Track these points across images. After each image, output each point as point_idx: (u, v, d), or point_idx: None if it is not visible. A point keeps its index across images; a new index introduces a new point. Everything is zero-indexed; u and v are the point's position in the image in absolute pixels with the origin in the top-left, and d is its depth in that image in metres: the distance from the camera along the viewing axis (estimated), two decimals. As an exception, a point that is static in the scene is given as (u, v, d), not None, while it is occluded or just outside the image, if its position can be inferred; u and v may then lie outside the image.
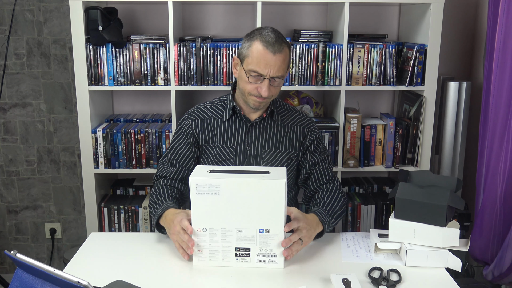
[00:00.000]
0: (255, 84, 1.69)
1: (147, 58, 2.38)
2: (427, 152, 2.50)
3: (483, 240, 1.95)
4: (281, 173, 1.47)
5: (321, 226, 1.63)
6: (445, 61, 2.72)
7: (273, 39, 1.66)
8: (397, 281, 1.44)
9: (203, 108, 1.89)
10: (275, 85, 1.71)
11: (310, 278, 1.45)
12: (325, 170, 1.85)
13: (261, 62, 1.66)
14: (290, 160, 1.84)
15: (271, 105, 1.83)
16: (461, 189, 2.12)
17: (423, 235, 1.54)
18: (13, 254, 1.04)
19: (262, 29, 1.72)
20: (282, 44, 1.67)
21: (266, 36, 1.67)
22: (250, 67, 1.68)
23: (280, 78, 1.70)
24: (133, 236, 1.86)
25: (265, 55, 1.65)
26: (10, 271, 3.06)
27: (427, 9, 2.39)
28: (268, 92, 1.68)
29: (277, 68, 1.66)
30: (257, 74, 1.67)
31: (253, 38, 1.69)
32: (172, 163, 1.85)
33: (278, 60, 1.66)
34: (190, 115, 1.88)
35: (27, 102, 2.85)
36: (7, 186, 2.95)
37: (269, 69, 1.66)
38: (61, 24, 2.75)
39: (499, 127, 1.83)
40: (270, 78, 1.67)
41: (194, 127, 1.85)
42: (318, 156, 1.86)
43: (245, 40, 1.73)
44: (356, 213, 2.59)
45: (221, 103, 1.88)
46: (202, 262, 1.51)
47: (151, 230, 2.56)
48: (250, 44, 1.69)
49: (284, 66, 1.70)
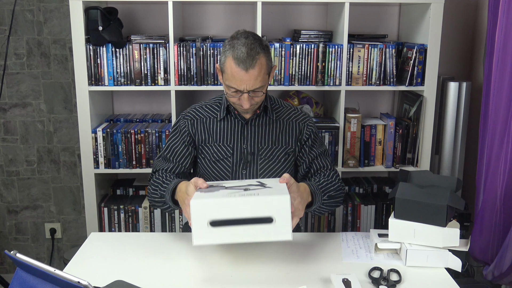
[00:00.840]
0: (236, 97, 1.70)
1: (147, 58, 2.38)
2: (427, 152, 2.50)
3: (483, 240, 1.95)
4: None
5: (311, 197, 1.61)
6: (445, 61, 2.72)
7: (244, 55, 1.62)
8: (397, 281, 1.44)
9: (199, 108, 1.89)
10: (256, 95, 1.70)
11: (310, 278, 1.45)
12: (323, 162, 1.85)
13: (235, 79, 1.65)
14: (287, 156, 1.84)
15: (264, 101, 1.83)
16: (461, 189, 2.12)
17: (423, 235, 1.54)
18: (13, 254, 1.04)
19: (234, 40, 1.67)
20: (254, 58, 1.63)
21: (237, 51, 1.63)
22: (227, 83, 1.69)
23: (260, 89, 1.69)
24: (133, 236, 1.86)
25: (238, 73, 1.64)
26: (10, 271, 3.06)
27: (427, 9, 2.39)
28: (249, 105, 1.69)
29: (252, 82, 1.65)
30: (235, 90, 1.68)
31: (227, 53, 1.66)
32: (168, 160, 1.84)
33: (252, 75, 1.64)
34: (186, 115, 1.87)
35: (27, 102, 2.85)
36: (7, 186, 2.95)
37: (245, 85, 1.65)
38: (61, 24, 2.75)
39: (499, 127, 1.83)
40: (249, 92, 1.67)
41: (190, 127, 1.85)
42: (316, 150, 1.86)
43: (222, 51, 1.70)
44: (356, 213, 2.59)
45: (216, 102, 1.88)
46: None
47: (151, 230, 2.56)
48: (225, 60, 1.67)
49: (261, 77, 1.66)
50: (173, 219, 2.56)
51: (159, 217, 2.56)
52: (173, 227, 2.57)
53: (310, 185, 1.65)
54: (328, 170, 1.84)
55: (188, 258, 1.57)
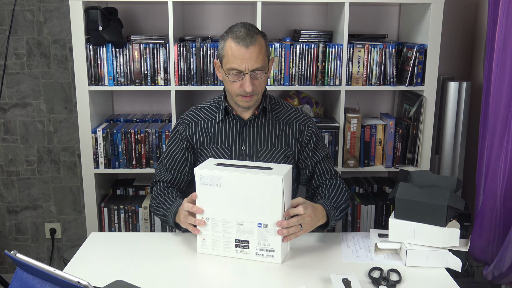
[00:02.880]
0: (238, 82, 1.69)
1: (147, 58, 2.38)
2: (427, 152, 2.49)
3: (483, 240, 1.95)
4: (282, 170, 1.49)
5: (326, 219, 1.64)
6: (445, 61, 2.72)
7: (243, 33, 1.66)
8: (397, 281, 1.44)
9: (197, 110, 1.89)
10: (257, 78, 1.70)
11: (310, 278, 1.45)
12: (327, 167, 1.85)
13: (236, 58, 1.66)
14: (286, 158, 1.83)
15: (262, 102, 1.82)
16: (461, 189, 2.12)
17: (423, 235, 1.54)
18: (13, 254, 1.04)
19: (233, 26, 1.72)
20: (254, 36, 1.66)
21: (236, 32, 1.67)
22: (228, 66, 1.69)
23: (261, 69, 1.69)
24: (133, 236, 1.86)
25: (239, 51, 1.65)
26: (10, 271, 3.06)
27: (427, 9, 2.39)
28: (252, 87, 1.68)
29: (254, 60, 1.66)
30: (237, 71, 1.68)
31: (226, 37, 1.70)
32: (167, 170, 1.87)
33: (253, 52, 1.65)
34: (185, 119, 1.88)
35: (27, 102, 2.85)
36: (7, 186, 2.95)
37: (246, 63, 1.65)
38: (61, 24, 2.75)
39: (499, 127, 1.83)
40: (250, 72, 1.67)
41: (188, 132, 1.85)
42: (319, 154, 1.85)
43: (220, 41, 1.73)
44: (356, 213, 2.59)
45: (215, 104, 1.88)
46: (205, 250, 1.57)
47: (151, 230, 2.56)
48: (224, 44, 1.70)
49: (262, 56, 1.68)
50: (173, 219, 2.56)
51: (159, 217, 2.56)
52: (173, 227, 2.57)
53: (325, 206, 1.66)
54: (333, 177, 1.84)
55: (188, 258, 1.57)
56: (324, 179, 1.83)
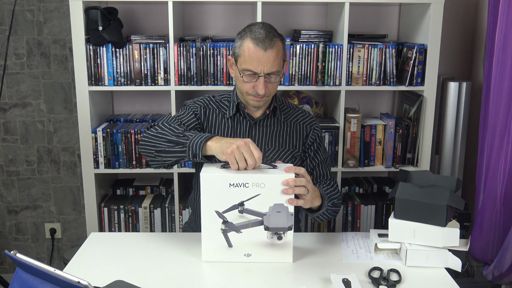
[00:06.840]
0: (251, 83, 1.67)
1: (147, 58, 2.38)
2: (427, 152, 2.50)
3: (483, 240, 1.95)
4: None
5: (320, 202, 1.63)
6: (445, 61, 2.72)
7: (263, 35, 1.63)
8: (397, 281, 1.44)
9: (210, 100, 1.85)
10: (271, 81, 1.68)
11: (310, 278, 1.45)
12: (325, 171, 1.85)
13: (253, 60, 1.63)
14: (294, 159, 1.83)
15: (273, 102, 1.81)
16: (461, 189, 2.13)
17: (423, 235, 1.54)
18: (13, 254, 1.04)
19: (252, 25, 1.69)
20: (273, 39, 1.64)
21: (256, 33, 1.64)
22: (243, 66, 1.66)
23: (276, 73, 1.67)
24: (133, 236, 1.86)
25: (256, 53, 1.63)
26: (10, 271, 3.06)
27: (427, 9, 2.39)
28: (265, 90, 1.66)
29: (270, 64, 1.64)
30: (252, 73, 1.65)
31: (244, 37, 1.67)
32: (173, 122, 1.74)
33: (271, 56, 1.63)
34: (199, 101, 1.83)
35: (27, 102, 2.85)
36: (7, 186, 2.95)
37: (263, 66, 1.63)
38: (61, 24, 2.75)
39: (499, 127, 1.83)
40: (265, 75, 1.65)
41: (200, 112, 1.80)
42: (319, 157, 1.85)
43: (237, 39, 1.70)
44: (356, 213, 2.59)
45: (225, 99, 1.85)
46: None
47: (151, 230, 2.56)
48: (242, 43, 1.67)
49: (278, 60, 1.66)
50: (173, 219, 2.56)
51: (159, 217, 2.56)
52: (173, 227, 2.57)
53: (320, 189, 1.66)
54: (328, 180, 1.84)
55: (188, 258, 1.57)
56: (319, 181, 1.84)
